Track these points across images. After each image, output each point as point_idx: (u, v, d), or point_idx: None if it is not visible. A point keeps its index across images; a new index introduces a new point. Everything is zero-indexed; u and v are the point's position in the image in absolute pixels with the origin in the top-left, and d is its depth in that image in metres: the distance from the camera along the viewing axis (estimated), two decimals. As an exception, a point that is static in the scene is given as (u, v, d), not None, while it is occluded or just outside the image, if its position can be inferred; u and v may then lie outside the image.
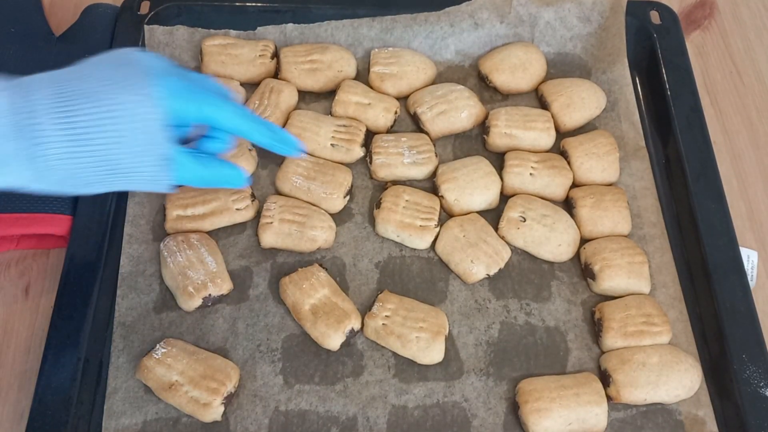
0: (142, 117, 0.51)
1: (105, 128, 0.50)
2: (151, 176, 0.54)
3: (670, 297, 0.69)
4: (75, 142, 0.50)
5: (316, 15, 0.82)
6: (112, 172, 0.52)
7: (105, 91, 0.51)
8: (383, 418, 0.62)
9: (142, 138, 0.52)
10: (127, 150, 0.51)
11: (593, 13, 0.82)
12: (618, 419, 0.63)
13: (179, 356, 0.62)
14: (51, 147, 0.49)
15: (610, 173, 0.75)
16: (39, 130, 0.49)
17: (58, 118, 0.49)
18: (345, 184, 0.71)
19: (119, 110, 0.51)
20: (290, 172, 0.72)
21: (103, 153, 0.51)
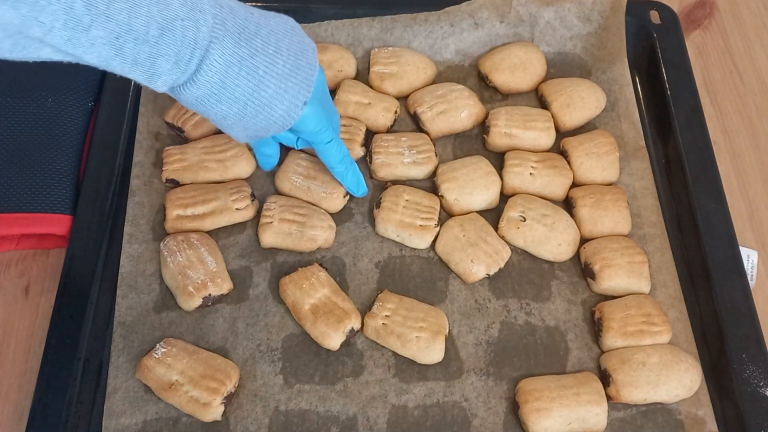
0: (309, 63, 0.56)
1: (278, 38, 0.54)
2: (288, 107, 0.56)
3: (670, 297, 0.69)
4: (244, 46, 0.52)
5: (316, 15, 0.82)
6: (264, 80, 0.53)
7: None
8: (383, 418, 0.62)
9: (303, 73, 0.56)
10: (285, 64, 0.55)
11: (593, 13, 0.82)
12: (618, 419, 0.63)
13: (179, 356, 0.62)
14: (223, 37, 0.50)
15: (610, 173, 0.75)
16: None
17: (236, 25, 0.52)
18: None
19: (298, 39, 0.56)
20: (290, 171, 0.72)
21: (270, 56, 0.54)
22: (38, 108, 0.75)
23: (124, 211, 0.71)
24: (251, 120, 0.56)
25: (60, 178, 0.71)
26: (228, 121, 0.56)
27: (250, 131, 0.58)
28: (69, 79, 0.77)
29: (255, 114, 0.55)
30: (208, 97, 0.53)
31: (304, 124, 0.61)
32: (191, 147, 0.73)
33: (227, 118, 0.56)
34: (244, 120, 0.56)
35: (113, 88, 0.76)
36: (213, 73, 0.51)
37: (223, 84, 0.52)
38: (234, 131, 0.58)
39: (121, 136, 0.73)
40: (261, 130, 0.58)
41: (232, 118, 0.56)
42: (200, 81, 0.51)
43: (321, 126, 0.62)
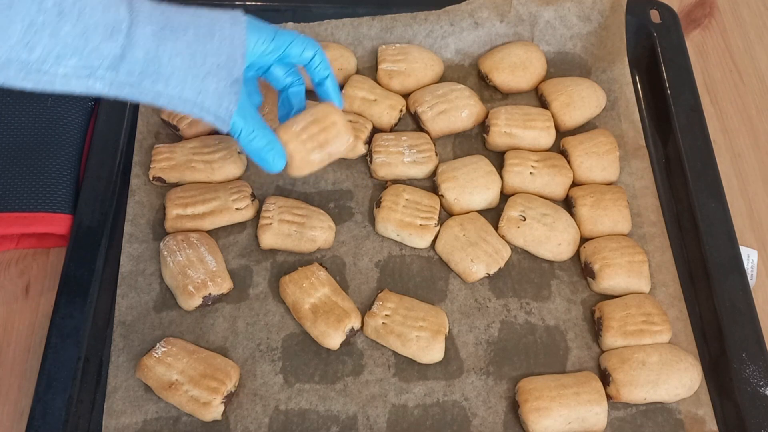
0: (230, 32, 0.54)
1: (196, 24, 0.53)
2: (221, 95, 0.54)
3: (670, 296, 0.69)
4: (165, 28, 0.51)
5: (316, 14, 0.82)
6: (190, 69, 0.53)
7: (205, 10, 0.55)
8: (383, 417, 0.62)
9: (226, 49, 0.54)
10: (211, 53, 0.53)
11: (593, 12, 0.82)
12: (618, 418, 0.63)
13: (179, 355, 0.62)
14: (141, 25, 0.50)
15: (610, 172, 0.75)
16: (136, 8, 0.51)
17: (154, 9, 0.52)
18: (345, 120, 0.64)
19: (210, 16, 0.54)
20: (304, 152, 0.63)
21: (187, 45, 0.52)
22: (38, 108, 0.75)
23: (124, 210, 0.71)
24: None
25: (60, 177, 0.71)
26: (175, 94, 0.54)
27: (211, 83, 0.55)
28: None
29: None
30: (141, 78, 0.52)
31: (281, 47, 0.60)
32: (180, 146, 0.73)
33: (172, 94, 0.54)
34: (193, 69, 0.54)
35: (113, 88, 0.76)
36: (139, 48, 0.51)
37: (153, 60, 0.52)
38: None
39: (121, 136, 0.73)
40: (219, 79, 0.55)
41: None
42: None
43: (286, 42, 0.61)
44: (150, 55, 0.51)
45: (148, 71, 0.51)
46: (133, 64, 0.50)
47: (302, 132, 0.61)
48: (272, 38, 0.59)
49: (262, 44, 0.59)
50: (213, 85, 0.54)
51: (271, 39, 0.59)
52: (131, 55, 0.50)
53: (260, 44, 0.58)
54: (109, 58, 0.49)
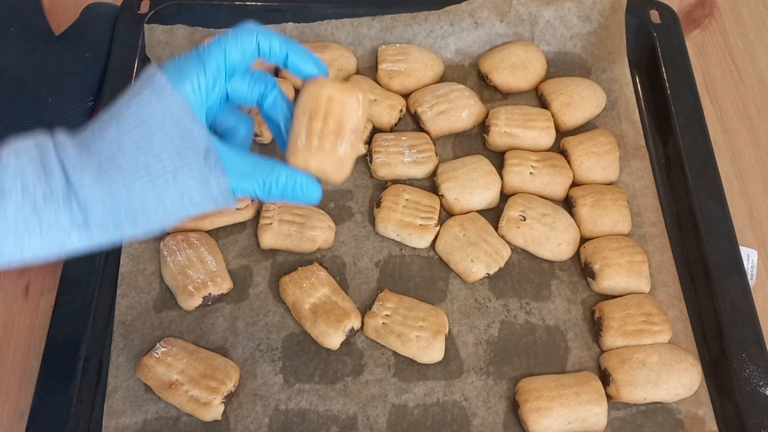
0: (160, 107, 0.45)
1: (123, 128, 0.45)
2: (203, 182, 0.46)
3: (670, 296, 0.69)
4: (101, 164, 0.45)
5: (316, 14, 0.82)
6: (155, 183, 0.45)
7: (123, 106, 0.47)
8: (383, 417, 0.62)
9: (171, 130, 0.45)
10: (161, 150, 0.45)
11: (593, 12, 0.82)
12: (618, 418, 0.63)
13: (179, 355, 0.62)
14: (80, 175, 0.44)
15: (610, 172, 0.75)
16: (67, 165, 0.44)
17: (80, 147, 0.46)
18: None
19: (131, 106, 0.46)
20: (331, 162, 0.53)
21: (134, 165, 0.45)
22: (38, 107, 0.75)
23: (124, 210, 0.71)
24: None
25: (60, 177, 0.71)
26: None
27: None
28: (69, 78, 0.77)
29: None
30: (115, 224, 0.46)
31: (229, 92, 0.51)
32: None
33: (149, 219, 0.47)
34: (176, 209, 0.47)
35: (113, 88, 0.76)
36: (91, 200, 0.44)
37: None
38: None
39: (121, 136, 0.73)
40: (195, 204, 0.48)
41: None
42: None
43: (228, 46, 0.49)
44: (108, 203, 0.44)
45: (118, 218, 0.45)
46: (100, 222, 0.45)
47: (310, 139, 0.50)
48: (203, 67, 0.48)
49: (201, 84, 0.47)
50: (188, 179, 0.46)
51: (203, 71, 0.47)
52: (92, 215, 0.44)
53: (199, 86, 0.47)
54: (73, 227, 0.44)
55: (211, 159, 0.46)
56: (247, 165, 0.49)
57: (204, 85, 0.47)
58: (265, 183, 0.49)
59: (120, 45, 0.79)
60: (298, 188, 0.50)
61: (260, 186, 0.49)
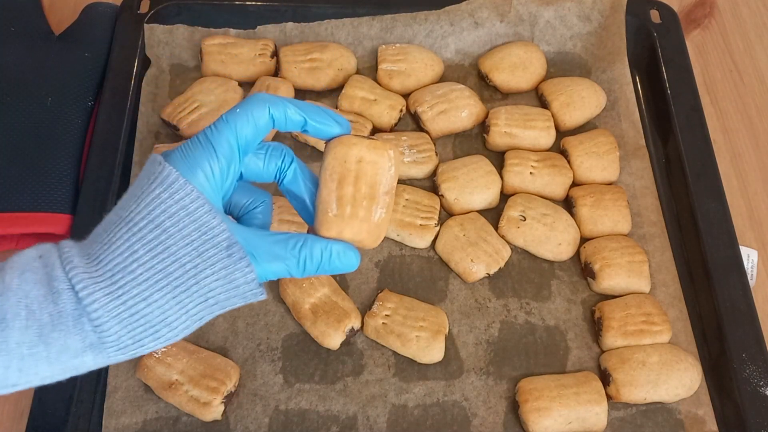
0: (178, 203, 0.41)
1: (143, 236, 0.41)
2: (227, 279, 0.42)
3: (670, 296, 0.69)
4: (114, 276, 0.40)
5: (316, 14, 0.82)
6: (182, 292, 0.41)
7: (132, 206, 0.42)
8: (383, 417, 0.62)
9: (186, 222, 0.41)
10: (183, 253, 0.41)
11: (593, 12, 0.82)
12: (618, 418, 0.63)
13: (179, 355, 0.62)
14: (92, 292, 0.40)
15: (610, 172, 0.75)
16: (76, 282, 0.40)
17: (89, 260, 0.41)
18: (364, 131, 0.51)
19: (148, 206, 0.41)
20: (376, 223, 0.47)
21: (153, 267, 0.41)
22: (38, 108, 0.75)
23: (124, 210, 0.70)
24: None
25: (60, 177, 0.71)
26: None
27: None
28: (69, 78, 0.77)
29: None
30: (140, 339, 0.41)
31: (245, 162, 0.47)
32: None
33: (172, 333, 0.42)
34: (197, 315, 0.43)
35: (113, 88, 0.76)
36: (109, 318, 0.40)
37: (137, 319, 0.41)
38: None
39: (121, 136, 0.73)
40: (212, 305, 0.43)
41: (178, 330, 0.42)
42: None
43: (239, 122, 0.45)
44: (124, 319, 0.40)
45: (138, 334, 0.41)
46: (117, 341, 0.40)
47: (342, 208, 0.45)
48: (213, 152, 0.43)
49: (213, 171, 0.43)
50: (212, 279, 0.42)
51: (214, 155, 0.43)
52: (107, 334, 0.40)
53: (212, 173, 0.43)
54: (86, 353, 0.40)
55: (234, 252, 0.42)
56: (276, 246, 0.44)
57: (218, 170, 0.43)
58: (299, 261, 0.45)
59: (120, 45, 0.79)
60: (335, 259, 0.46)
61: (294, 264, 0.45)
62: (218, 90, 0.75)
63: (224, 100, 0.75)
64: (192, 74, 0.80)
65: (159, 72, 0.79)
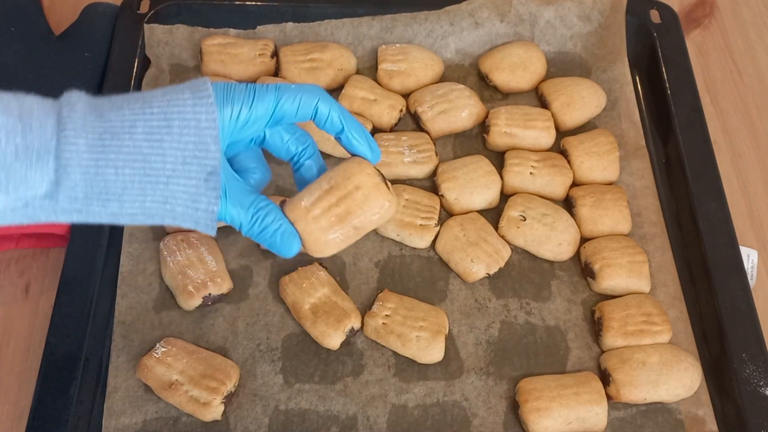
0: (192, 114, 0.44)
1: (146, 116, 0.43)
2: (194, 196, 0.44)
3: (670, 296, 0.69)
4: (104, 134, 0.42)
5: (316, 14, 0.82)
6: (146, 177, 0.43)
7: (157, 94, 0.45)
8: (383, 417, 0.62)
9: (190, 137, 0.44)
10: (171, 149, 0.43)
11: (593, 12, 0.82)
12: (618, 418, 0.63)
13: (179, 355, 0.62)
14: (76, 135, 0.41)
15: (610, 172, 0.75)
16: (65, 117, 0.42)
17: (91, 110, 0.43)
18: (376, 180, 0.50)
19: (165, 99, 0.44)
20: (320, 233, 0.51)
21: (136, 149, 0.43)
22: (38, 107, 0.75)
23: (124, 210, 0.71)
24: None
25: (60, 177, 0.71)
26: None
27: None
28: (69, 78, 0.77)
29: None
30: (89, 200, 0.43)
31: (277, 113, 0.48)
32: None
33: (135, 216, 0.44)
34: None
35: (113, 87, 0.76)
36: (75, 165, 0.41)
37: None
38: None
39: (120, 136, 0.73)
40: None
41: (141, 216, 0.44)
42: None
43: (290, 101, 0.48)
44: (90, 174, 0.41)
45: (93, 193, 0.42)
46: (71, 189, 0.41)
47: (314, 206, 0.49)
48: (251, 102, 0.47)
49: (240, 115, 0.46)
50: (180, 189, 0.44)
51: (249, 104, 0.47)
52: (67, 178, 0.41)
53: (238, 116, 0.46)
54: (43, 186, 0.41)
55: (212, 181, 0.44)
56: (245, 196, 0.48)
57: (243, 118, 0.47)
58: (252, 218, 0.48)
59: (120, 45, 0.79)
60: (278, 236, 0.49)
61: (247, 218, 0.48)
62: (218, 90, 0.75)
63: (224, 100, 0.75)
64: (192, 74, 0.80)
65: (159, 72, 0.79)
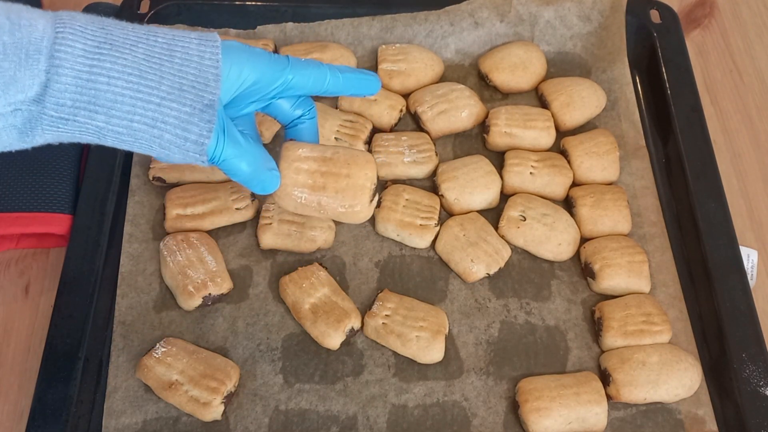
0: (197, 50, 0.43)
1: (149, 41, 0.42)
2: (185, 123, 0.42)
3: (670, 296, 0.69)
4: (103, 44, 0.40)
5: (316, 14, 0.82)
6: (139, 93, 0.41)
7: (164, 28, 0.44)
8: (383, 417, 0.62)
9: (191, 69, 0.42)
10: (169, 73, 0.42)
11: (593, 12, 0.82)
12: (618, 418, 0.63)
13: (179, 355, 0.62)
14: (73, 39, 0.39)
15: (610, 172, 0.75)
16: (63, 21, 0.40)
17: (95, 22, 0.41)
18: (368, 186, 0.53)
19: (172, 33, 0.43)
20: (290, 183, 0.54)
21: (134, 64, 0.41)
22: (38, 107, 0.75)
23: (124, 210, 0.71)
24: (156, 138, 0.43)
25: (60, 177, 0.71)
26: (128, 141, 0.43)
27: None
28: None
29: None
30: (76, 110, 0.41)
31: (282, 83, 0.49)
32: None
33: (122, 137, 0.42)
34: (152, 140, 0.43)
35: (113, 88, 0.76)
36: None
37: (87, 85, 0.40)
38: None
39: (120, 136, 0.73)
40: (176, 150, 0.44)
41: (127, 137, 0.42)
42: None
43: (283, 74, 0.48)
44: (82, 79, 0.39)
45: (81, 101, 0.40)
46: (60, 92, 0.39)
47: (305, 160, 0.50)
48: (261, 65, 0.47)
49: (246, 77, 0.46)
50: (173, 115, 0.42)
51: (257, 68, 0.47)
52: (56, 80, 0.39)
53: (239, 75, 0.46)
54: (33, 88, 0.39)
55: (207, 113, 0.43)
56: (238, 135, 0.47)
57: (251, 80, 0.46)
58: (240, 155, 0.47)
59: (120, 45, 0.79)
60: (261, 175, 0.50)
61: (235, 153, 0.47)
62: (218, 90, 0.75)
63: (224, 100, 0.75)
64: (192, 74, 0.80)
65: (159, 72, 0.79)
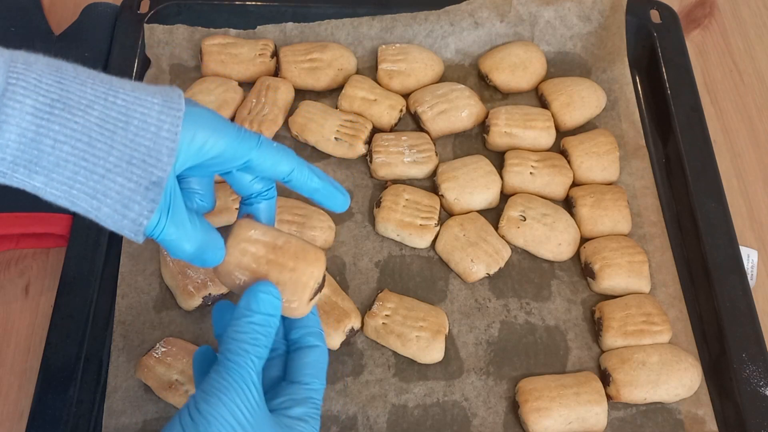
0: (156, 119, 0.40)
1: (107, 103, 0.39)
2: (126, 200, 0.40)
3: (670, 296, 0.69)
4: (56, 102, 0.38)
5: (316, 14, 0.82)
6: (84, 161, 0.39)
7: (128, 84, 0.41)
8: (383, 417, 0.62)
9: (144, 141, 0.40)
10: (120, 143, 0.39)
11: (593, 12, 0.82)
12: (618, 418, 0.63)
13: (179, 355, 0.62)
14: (24, 91, 0.38)
15: (610, 172, 0.75)
16: (18, 71, 0.38)
17: (53, 70, 0.40)
18: (310, 284, 0.49)
19: (134, 95, 0.40)
20: (233, 262, 0.47)
21: (84, 130, 0.38)
22: (38, 107, 0.75)
23: (124, 210, 0.70)
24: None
25: (60, 177, 0.71)
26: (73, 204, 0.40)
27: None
28: (69, 78, 0.77)
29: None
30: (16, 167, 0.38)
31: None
32: None
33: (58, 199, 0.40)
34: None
35: (113, 88, 0.76)
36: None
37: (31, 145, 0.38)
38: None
39: (120, 136, 0.73)
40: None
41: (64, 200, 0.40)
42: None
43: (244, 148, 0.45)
44: (27, 138, 0.37)
45: (21, 159, 0.37)
46: (1, 148, 0.37)
47: (254, 243, 0.47)
48: (227, 136, 0.44)
49: (209, 147, 0.43)
50: (115, 189, 0.39)
51: (222, 139, 0.43)
52: (0, 136, 0.37)
53: (203, 145, 0.42)
54: None
55: (152, 192, 0.40)
56: (187, 217, 0.43)
57: (214, 152, 0.43)
58: (192, 236, 0.44)
59: (120, 45, 0.79)
60: (207, 251, 0.45)
61: (190, 242, 0.43)
62: (218, 90, 0.75)
63: (224, 100, 0.75)
64: (192, 74, 0.80)
65: (159, 72, 0.79)
